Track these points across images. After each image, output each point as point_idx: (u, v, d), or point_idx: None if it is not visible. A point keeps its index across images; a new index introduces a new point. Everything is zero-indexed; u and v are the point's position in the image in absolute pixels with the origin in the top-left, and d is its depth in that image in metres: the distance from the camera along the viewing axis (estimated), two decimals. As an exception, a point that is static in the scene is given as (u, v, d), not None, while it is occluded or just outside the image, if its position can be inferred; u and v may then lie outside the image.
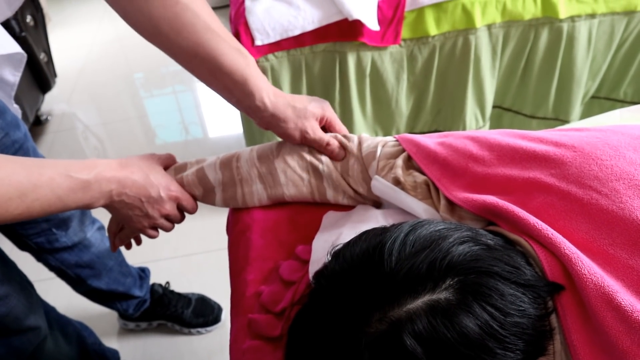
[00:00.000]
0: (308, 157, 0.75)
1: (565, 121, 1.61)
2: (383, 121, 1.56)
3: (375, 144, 0.72)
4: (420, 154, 0.66)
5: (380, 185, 0.67)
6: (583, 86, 1.55)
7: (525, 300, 0.44)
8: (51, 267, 1.21)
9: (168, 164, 0.79)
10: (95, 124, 2.54)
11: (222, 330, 1.52)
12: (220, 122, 2.46)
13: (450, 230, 0.48)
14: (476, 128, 1.59)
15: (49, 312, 1.15)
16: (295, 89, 1.46)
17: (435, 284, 0.43)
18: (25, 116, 2.08)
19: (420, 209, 0.62)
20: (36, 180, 0.57)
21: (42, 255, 1.16)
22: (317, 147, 0.75)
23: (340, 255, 0.48)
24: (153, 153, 0.76)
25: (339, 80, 1.44)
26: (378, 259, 0.45)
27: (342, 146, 0.75)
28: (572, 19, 1.40)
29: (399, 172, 0.66)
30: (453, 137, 0.66)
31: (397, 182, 0.66)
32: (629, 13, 1.42)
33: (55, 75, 2.39)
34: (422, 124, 1.61)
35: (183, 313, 1.48)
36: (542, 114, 1.61)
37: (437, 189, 0.63)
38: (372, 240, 0.48)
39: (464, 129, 1.57)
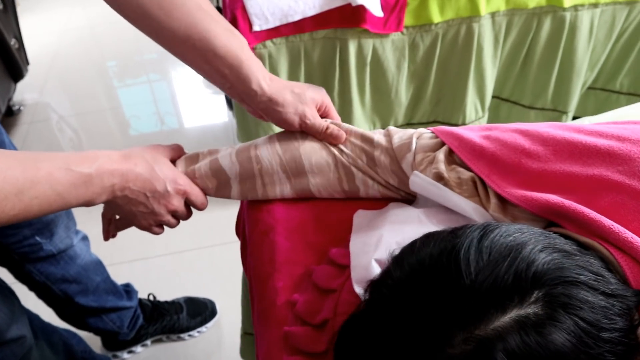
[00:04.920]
0: None
1: (563, 112, 1.59)
2: (381, 111, 1.51)
3: (409, 135, 0.67)
4: (464, 148, 0.61)
5: (421, 182, 0.61)
6: (582, 76, 1.53)
7: (614, 312, 0.40)
8: (34, 284, 1.12)
9: (175, 155, 0.72)
10: (69, 114, 2.42)
11: (216, 329, 1.45)
12: (196, 113, 2.37)
13: (523, 234, 0.43)
14: (475, 119, 1.56)
15: (33, 319, 1.06)
16: (293, 78, 1.39)
17: (522, 297, 0.38)
18: (-4, 106, 1.96)
19: (469, 207, 0.57)
20: (33, 176, 0.51)
21: (25, 267, 1.07)
22: (315, 134, 0.71)
23: (405, 262, 0.43)
24: (158, 144, 0.70)
25: (338, 69, 1.37)
26: (454, 268, 0.40)
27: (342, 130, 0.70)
28: (576, 8, 1.38)
29: (442, 167, 0.60)
30: (499, 131, 0.61)
31: (439, 178, 0.61)
32: (631, 3, 1.41)
33: (27, 62, 2.26)
34: (420, 114, 1.56)
35: (179, 319, 1.40)
36: (541, 104, 1.58)
37: (485, 186, 0.58)
38: (440, 245, 0.43)
39: (463, 120, 1.54)
